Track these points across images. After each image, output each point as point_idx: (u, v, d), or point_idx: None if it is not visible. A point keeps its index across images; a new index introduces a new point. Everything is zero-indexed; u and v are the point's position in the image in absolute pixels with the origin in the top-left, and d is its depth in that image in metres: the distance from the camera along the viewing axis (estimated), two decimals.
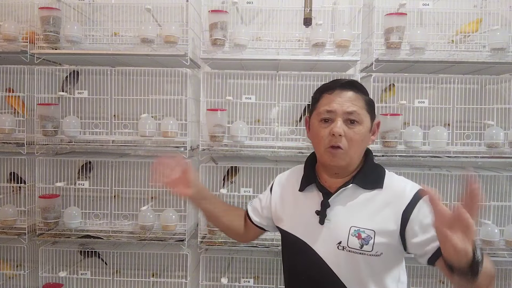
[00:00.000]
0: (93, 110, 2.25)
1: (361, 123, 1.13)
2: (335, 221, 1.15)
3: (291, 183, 1.30)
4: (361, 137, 1.13)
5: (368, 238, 1.10)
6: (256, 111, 2.27)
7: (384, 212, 1.11)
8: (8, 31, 2.00)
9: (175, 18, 2.11)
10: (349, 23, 2.14)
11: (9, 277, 2.26)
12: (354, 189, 1.16)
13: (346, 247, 1.12)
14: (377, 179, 1.17)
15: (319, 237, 1.16)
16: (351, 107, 1.12)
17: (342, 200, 1.16)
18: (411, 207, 1.09)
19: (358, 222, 1.12)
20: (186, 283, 2.08)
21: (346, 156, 1.13)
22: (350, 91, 1.14)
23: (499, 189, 2.14)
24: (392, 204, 1.11)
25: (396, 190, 1.13)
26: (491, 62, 1.88)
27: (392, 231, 1.10)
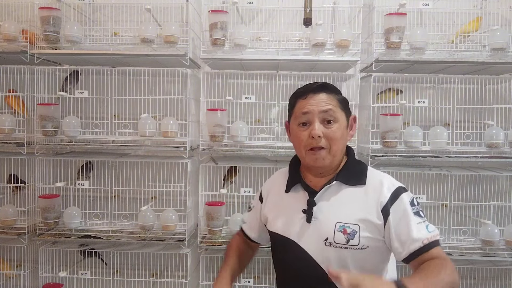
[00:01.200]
0: (93, 110, 2.25)
1: (337, 121, 1.18)
2: (321, 218, 1.18)
3: (276, 186, 1.34)
4: (339, 135, 1.18)
5: (353, 232, 1.14)
6: (256, 111, 2.27)
7: (366, 206, 1.16)
8: (8, 31, 2.00)
9: (175, 18, 2.11)
10: (349, 23, 2.14)
11: (9, 277, 2.26)
12: (338, 186, 1.20)
13: (333, 242, 1.15)
14: (359, 175, 1.21)
15: (307, 235, 1.19)
16: (325, 106, 1.17)
17: (327, 197, 1.20)
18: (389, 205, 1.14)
19: (343, 217, 1.16)
20: (186, 283, 2.08)
21: (329, 155, 1.17)
22: (322, 93, 1.19)
23: (499, 189, 2.14)
24: (374, 198, 1.16)
25: (378, 186, 1.18)
26: (491, 62, 1.89)
27: (375, 225, 1.14)
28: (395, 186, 1.17)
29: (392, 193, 1.15)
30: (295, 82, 2.18)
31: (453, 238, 2.04)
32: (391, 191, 1.15)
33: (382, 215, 1.14)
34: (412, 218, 1.12)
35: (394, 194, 1.15)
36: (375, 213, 1.14)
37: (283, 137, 2.14)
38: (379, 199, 1.15)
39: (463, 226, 2.06)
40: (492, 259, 1.97)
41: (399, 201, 1.14)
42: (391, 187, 1.17)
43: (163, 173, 2.23)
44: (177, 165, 2.10)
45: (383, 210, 1.14)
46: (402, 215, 1.12)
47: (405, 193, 1.16)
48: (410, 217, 1.12)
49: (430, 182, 2.09)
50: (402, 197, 1.15)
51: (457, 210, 2.11)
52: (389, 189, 1.16)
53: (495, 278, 2.16)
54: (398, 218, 1.12)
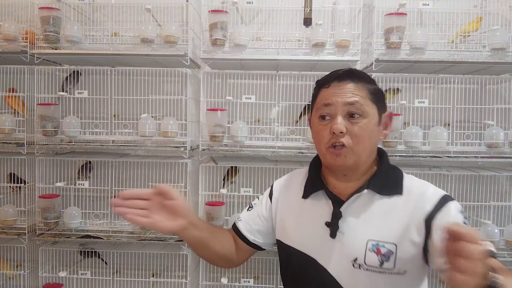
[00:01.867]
0: (93, 110, 2.25)
1: (366, 115, 0.97)
2: (349, 234, 0.98)
3: (292, 189, 1.14)
4: (367, 132, 0.97)
5: (389, 253, 0.93)
6: (256, 111, 2.27)
7: (405, 221, 0.95)
8: (8, 31, 2.00)
9: (175, 18, 2.11)
10: (349, 23, 2.14)
11: (9, 277, 2.26)
12: (370, 196, 1.00)
13: (363, 264, 0.95)
14: (395, 183, 1.01)
15: (331, 253, 0.99)
16: (352, 97, 0.97)
17: (356, 209, 0.99)
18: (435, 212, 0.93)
19: (377, 234, 0.95)
20: (186, 283, 2.08)
21: (352, 154, 0.97)
22: (349, 81, 1.00)
23: (499, 189, 2.14)
24: (414, 211, 0.96)
25: (418, 195, 0.98)
26: (491, 62, 1.88)
27: (416, 243, 0.94)
28: (441, 194, 0.98)
29: (438, 201, 0.95)
30: (295, 82, 2.18)
31: None
32: (436, 199, 0.96)
33: (425, 227, 0.93)
34: None
35: (440, 202, 0.95)
36: (415, 229, 0.94)
37: (283, 137, 2.14)
38: (421, 210, 0.95)
39: None
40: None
41: (446, 210, 0.94)
42: (435, 194, 0.97)
43: (163, 173, 2.23)
44: (177, 165, 2.10)
45: (426, 221, 0.93)
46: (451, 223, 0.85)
47: (453, 201, 0.96)
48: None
49: (430, 182, 2.06)
50: (449, 205, 0.94)
51: None
52: (434, 197, 0.96)
53: None
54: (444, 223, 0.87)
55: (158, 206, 0.99)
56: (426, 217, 0.94)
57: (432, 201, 0.96)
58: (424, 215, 0.94)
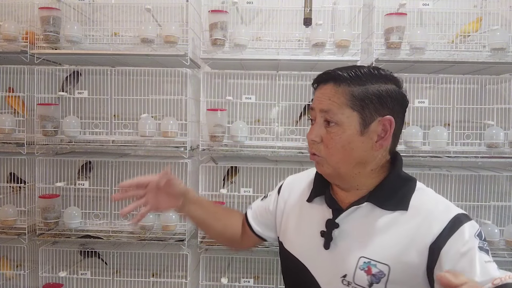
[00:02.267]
0: (93, 110, 2.25)
1: (340, 124, 0.87)
2: (342, 247, 0.90)
3: (301, 190, 1.07)
4: (340, 144, 0.87)
5: (380, 274, 0.84)
6: (256, 111, 2.27)
7: (405, 241, 0.85)
8: (8, 31, 2.00)
9: (175, 18, 2.11)
10: (349, 23, 2.14)
11: (9, 277, 2.26)
12: (370, 209, 0.90)
13: (351, 282, 0.87)
14: (401, 198, 0.89)
15: (322, 265, 0.93)
16: (325, 104, 0.88)
17: (354, 221, 0.91)
18: (445, 238, 0.81)
19: (370, 252, 0.87)
20: (186, 283, 2.08)
21: (328, 165, 0.90)
22: (331, 83, 0.89)
23: (499, 189, 2.14)
24: (418, 232, 0.84)
25: (426, 213, 0.86)
26: (491, 62, 1.88)
27: (413, 266, 0.83)
28: (452, 214, 0.84)
29: (448, 224, 0.82)
30: (295, 82, 2.18)
31: None
32: (447, 221, 0.83)
33: (429, 253, 0.82)
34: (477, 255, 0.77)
35: (450, 225, 0.82)
36: (415, 252, 0.83)
37: (283, 137, 2.14)
38: (427, 232, 0.83)
39: None
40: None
41: (458, 235, 0.80)
42: (446, 215, 0.84)
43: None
44: (177, 165, 2.10)
45: (432, 249, 0.81)
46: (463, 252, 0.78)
47: (468, 222, 0.83)
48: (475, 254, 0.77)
49: (430, 182, 2.09)
50: (463, 229, 0.81)
51: None
52: (444, 218, 0.83)
53: None
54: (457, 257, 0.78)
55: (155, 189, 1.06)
56: (432, 241, 0.82)
57: (441, 222, 0.83)
58: (430, 239, 0.82)
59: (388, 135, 0.90)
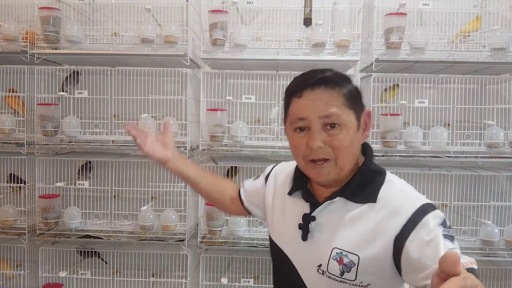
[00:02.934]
0: (93, 110, 2.25)
1: (344, 124, 0.89)
2: (318, 239, 0.95)
3: (285, 181, 1.10)
4: (348, 142, 0.90)
5: (350, 264, 0.89)
6: (256, 111, 2.27)
7: (373, 233, 0.88)
8: (8, 31, 2.00)
9: (175, 18, 2.11)
10: (349, 23, 2.14)
11: (9, 277, 2.26)
12: (343, 203, 0.94)
13: (326, 271, 0.92)
14: (371, 191, 0.93)
15: (301, 255, 0.98)
16: (326, 109, 0.89)
17: (328, 215, 0.95)
18: (410, 229, 0.83)
19: (342, 243, 0.91)
20: (186, 283, 2.08)
21: (335, 168, 0.91)
22: (323, 88, 0.90)
23: (499, 189, 2.14)
24: (384, 223, 0.88)
25: (392, 206, 0.89)
26: (491, 62, 1.89)
27: (381, 258, 0.87)
28: (417, 205, 0.86)
29: (412, 215, 0.85)
30: None
31: None
32: (411, 212, 0.85)
33: (393, 246, 0.85)
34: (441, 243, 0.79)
35: (415, 216, 0.84)
36: (382, 244, 0.86)
37: (283, 137, 2.14)
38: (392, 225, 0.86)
39: (463, 226, 2.06)
40: (492, 259, 1.96)
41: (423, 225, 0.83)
42: (411, 207, 0.86)
43: (163, 173, 2.23)
44: None
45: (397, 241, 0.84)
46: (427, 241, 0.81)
47: (433, 212, 0.84)
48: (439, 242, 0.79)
49: (430, 182, 2.09)
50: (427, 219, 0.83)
51: (457, 210, 2.11)
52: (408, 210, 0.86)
53: (495, 278, 2.15)
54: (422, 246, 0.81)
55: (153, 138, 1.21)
56: (397, 233, 0.85)
57: (406, 214, 0.85)
58: (395, 231, 0.85)
59: (370, 126, 0.97)
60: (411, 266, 0.82)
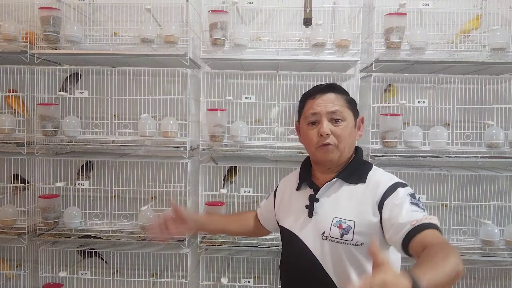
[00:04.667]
0: (93, 110, 2.25)
1: (345, 119, 1.24)
2: (321, 213, 1.24)
3: (291, 184, 1.40)
4: (347, 132, 1.24)
5: (348, 228, 1.18)
6: (256, 111, 2.27)
7: (363, 203, 1.19)
8: (8, 31, 2.00)
9: (175, 18, 2.11)
10: (349, 23, 2.14)
11: (9, 277, 2.26)
12: (339, 184, 1.26)
13: (328, 236, 1.20)
14: (361, 174, 1.25)
15: (308, 229, 1.26)
16: (333, 107, 1.23)
17: (328, 194, 1.26)
18: (386, 196, 1.15)
19: (341, 213, 1.21)
20: (186, 283, 2.08)
21: (337, 151, 1.23)
22: (330, 93, 1.26)
23: (499, 189, 2.14)
24: (370, 196, 1.19)
25: (376, 182, 1.21)
26: (491, 62, 1.88)
27: (371, 223, 1.16)
28: (393, 181, 1.19)
29: (388, 187, 1.17)
30: (295, 82, 2.18)
31: (453, 238, 2.04)
32: (388, 185, 1.18)
33: (378, 210, 1.16)
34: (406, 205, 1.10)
35: (390, 188, 1.17)
36: (371, 210, 1.17)
37: (283, 137, 2.14)
38: (375, 195, 1.18)
39: (463, 226, 2.06)
40: (492, 259, 1.96)
41: (395, 194, 1.15)
42: (388, 182, 1.19)
43: (163, 173, 2.23)
44: (177, 165, 2.10)
45: (379, 205, 1.16)
46: (396, 204, 1.12)
47: (404, 187, 1.16)
48: (405, 205, 1.10)
49: (430, 182, 2.09)
50: (398, 190, 1.15)
51: (457, 210, 2.11)
52: (386, 184, 1.18)
53: (495, 278, 2.15)
54: (392, 207, 1.12)
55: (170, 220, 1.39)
56: (378, 200, 1.17)
57: (383, 187, 1.18)
58: (377, 199, 1.17)
59: (362, 128, 1.34)
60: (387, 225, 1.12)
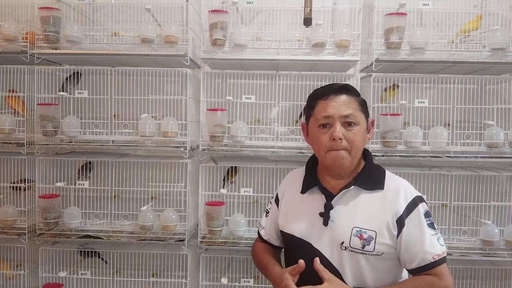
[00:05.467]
0: (93, 110, 2.24)
1: (358, 123, 1.19)
2: (338, 222, 1.19)
3: (292, 187, 1.34)
4: (360, 137, 1.19)
5: (369, 238, 1.14)
6: (256, 111, 2.27)
7: (384, 213, 1.16)
8: (8, 31, 2.00)
9: (175, 18, 2.11)
10: (349, 23, 2.14)
11: (9, 277, 2.26)
12: (356, 191, 1.20)
13: (348, 247, 1.16)
14: (378, 180, 1.21)
15: (324, 238, 1.20)
16: (347, 110, 1.18)
17: (345, 202, 1.20)
18: (407, 212, 1.14)
19: (360, 222, 1.16)
20: (186, 283, 2.08)
21: (349, 156, 1.18)
22: (343, 95, 1.20)
23: (499, 189, 2.14)
24: (390, 205, 1.16)
25: (394, 191, 1.18)
26: (491, 62, 1.88)
27: (391, 234, 1.15)
28: (413, 196, 1.17)
29: (409, 203, 1.15)
30: (295, 82, 2.18)
31: (453, 238, 2.04)
32: (408, 201, 1.16)
33: (397, 225, 1.14)
34: (426, 230, 1.13)
35: (411, 204, 1.15)
36: (391, 222, 1.15)
37: (283, 137, 2.14)
38: (395, 208, 1.15)
39: (463, 226, 2.06)
40: (492, 259, 1.96)
41: (415, 212, 1.14)
42: (408, 196, 1.17)
43: (163, 173, 2.23)
44: (177, 165, 2.10)
45: (398, 221, 1.14)
46: (416, 226, 1.13)
47: (422, 204, 1.17)
48: (425, 229, 1.13)
49: (430, 182, 2.09)
50: (418, 208, 1.15)
51: (457, 210, 2.11)
52: (406, 198, 1.16)
53: (495, 278, 2.15)
54: (413, 229, 1.13)
55: None
56: (397, 218, 1.14)
57: (404, 201, 1.15)
58: (397, 213, 1.14)
59: (372, 130, 1.29)
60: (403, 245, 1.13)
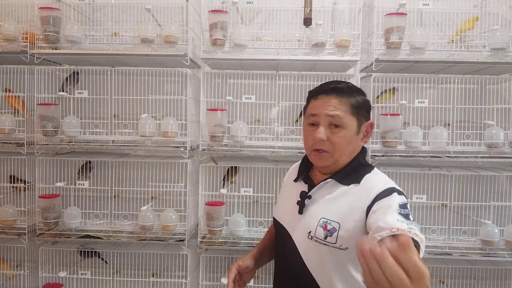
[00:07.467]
0: (93, 110, 2.25)
1: (345, 127, 1.15)
2: (310, 212, 1.20)
3: (292, 175, 1.36)
4: (345, 141, 1.16)
5: (332, 230, 1.13)
6: (256, 111, 2.27)
7: (353, 205, 1.12)
8: (8, 31, 2.00)
9: (175, 18, 2.11)
10: (349, 23, 2.14)
11: (9, 277, 2.26)
12: (333, 184, 1.20)
13: (313, 236, 1.16)
14: (357, 176, 1.18)
15: (297, 226, 1.22)
16: (333, 111, 1.15)
17: (321, 193, 1.21)
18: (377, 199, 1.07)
19: (327, 213, 1.15)
20: (186, 283, 2.08)
21: (331, 158, 1.17)
22: (334, 96, 1.17)
23: (499, 189, 2.14)
24: (362, 198, 1.11)
25: (371, 186, 1.12)
26: (491, 62, 1.89)
27: (358, 227, 1.09)
28: (389, 186, 1.10)
29: (382, 190, 1.08)
30: (295, 82, 2.18)
31: (453, 238, 2.04)
32: (382, 189, 1.09)
33: (366, 213, 1.08)
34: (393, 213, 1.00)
35: (384, 191, 1.08)
36: (358, 213, 1.09)
37: (283, 137, 2.14)
38: (367, 199, 1.09)
39: (463, 226, 2.06)
40: (492, 259, 1.96)
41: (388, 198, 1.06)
42: (383, 186, 1.10)
43: (163, 173, 2.23)
44: (177, 165, 2.10)
45: (368, 208, 1.08)
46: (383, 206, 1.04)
47: (399, 196, 1.07)
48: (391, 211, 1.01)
49: (430, 182, 2.09)
50: (393, 195, 1.06)
51: (457, 210, 2.11)
52: (380, 188, 1.10)
53: (495, 278, 2.16)
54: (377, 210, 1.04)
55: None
56: (369, 203, 1.09)
57: (376, 191, 1.10)
58: (368, 203, 1.09)
59: (370, 134, 1.24)
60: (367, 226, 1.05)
